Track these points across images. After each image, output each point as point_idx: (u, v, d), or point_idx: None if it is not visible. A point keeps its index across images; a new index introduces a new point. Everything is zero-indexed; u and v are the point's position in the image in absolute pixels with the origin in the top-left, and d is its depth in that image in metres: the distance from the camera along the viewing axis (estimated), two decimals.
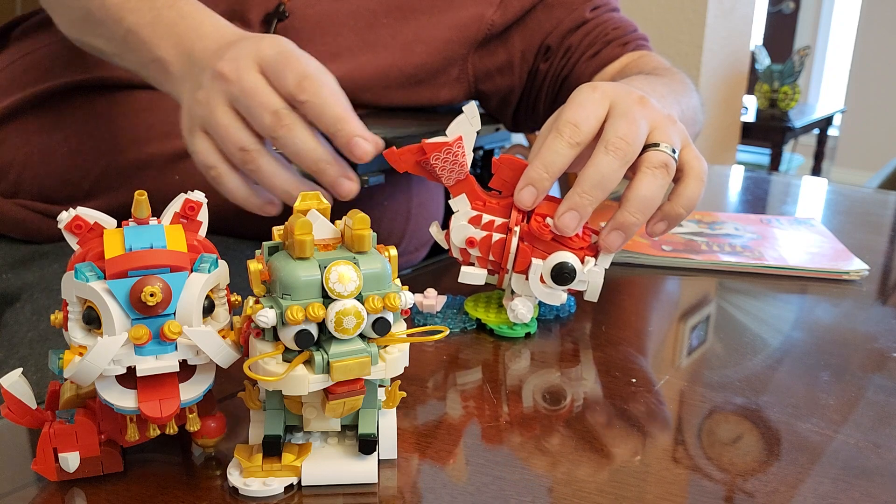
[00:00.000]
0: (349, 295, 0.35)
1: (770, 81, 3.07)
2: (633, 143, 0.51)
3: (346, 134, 0.52)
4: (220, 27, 0.58)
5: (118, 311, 0.35)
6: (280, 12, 0.78)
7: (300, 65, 0.52)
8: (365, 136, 0.52)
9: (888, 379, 0.52)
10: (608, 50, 0.82)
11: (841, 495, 0.39)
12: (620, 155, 0.51)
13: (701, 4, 2.31)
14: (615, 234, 0.53)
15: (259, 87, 0.51)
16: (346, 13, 0.79)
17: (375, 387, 0.40)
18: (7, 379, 0.37)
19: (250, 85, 0.51)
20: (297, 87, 0.51)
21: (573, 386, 0.50)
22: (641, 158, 0.53)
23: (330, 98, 0.52)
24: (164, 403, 0.36)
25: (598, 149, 0.52)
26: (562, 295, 0.54)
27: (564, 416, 0.46)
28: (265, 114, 0.51)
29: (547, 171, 0.52)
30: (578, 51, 0.83)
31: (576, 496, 0.38)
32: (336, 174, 0.54)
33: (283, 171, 0.54)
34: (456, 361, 0.53)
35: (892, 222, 0.93)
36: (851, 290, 0.69)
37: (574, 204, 0.51)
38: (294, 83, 0.51)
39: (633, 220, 0.52)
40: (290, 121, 0.51)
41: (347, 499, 0.38)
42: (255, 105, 0.51)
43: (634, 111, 0.53)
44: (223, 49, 0.54)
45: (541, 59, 0.84)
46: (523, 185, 0.52)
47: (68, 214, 0.37)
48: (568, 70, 0.83)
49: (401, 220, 0.87)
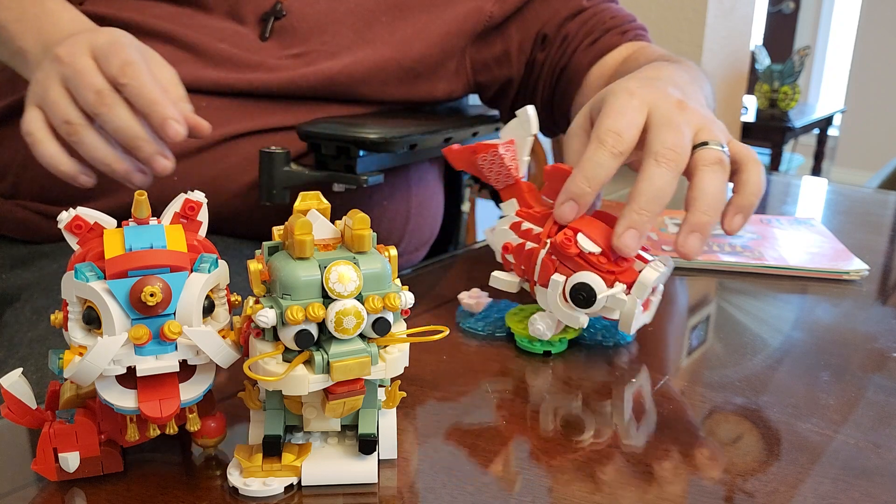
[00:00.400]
0: (349, 295, 0.35)
1: (770, 81, 3.07)
2: (682, 152, 0.50)
3: (159, 116, 0.56)
4: (77, 21, 0.66)
5: (118, 311, 0.35)
6: (276, 10, 0.78)
7: (125, 53, 0.57)
8: (177, 119, 0.56)
9: (888, 379, 0.52)
10: (606, 38, 0.81)
11: (841, 495, 0.39)
12: (672, 166, 0.50)
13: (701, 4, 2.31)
14: (693, 236, 0.50)
15: (87, 68, 0.57)
16: (344, 11, 0.79)
17: (375, 387, 0.40)
18: (7, 379, 0.37)
19: (80, 66, 0.57)
20: (120, 72, 0.56)
21: (573, 386, 0.50)
22: (695, 158, 0.52)
23: (148, 83, 0.56)
24: (164, 403, 0.36)
25: (647, 161, 0.50)
26: (580, 318, 0.50)
27: (564, 415, 0.46)
28: (90, 93, 0.56)
29: (589, 185, 0.50)
30: (576, 39, 0.82)
31: (575, 496, 0.38)
32: (151, 151, 0.58)
33: (104, 145, 0.58)
34: (467, 364, 0.53)
35: (892, 222, 0.93)
36: (851, 290, 0.69)
37: (632, 222, 0.49)
38: (117, 68, 0.56)
39: (706, 218, 0.50)
40: (112, 100, 0.56)
41: (347, 499, 0.38)
42: (83, 84, 0.56)
43: (676, 117, 0.52)
44: (68, 38, 0.60)
45: (538, 48, 0.84)
46: (564, 199, 0.51)
47: (68, 214, 0.37)
48: (566, 60, 0.82)
49: (400, 220, 0.87)
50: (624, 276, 0.49)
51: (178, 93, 0.62)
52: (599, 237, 0.50)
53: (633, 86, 0.54)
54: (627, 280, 0.49)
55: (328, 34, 0.78)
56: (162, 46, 0.76)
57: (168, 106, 0.56)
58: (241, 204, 0.75)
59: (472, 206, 2.05)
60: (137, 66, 0.56)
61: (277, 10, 0.78)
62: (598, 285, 0.49)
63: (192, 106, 0.62)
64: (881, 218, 0.95)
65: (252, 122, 0.75)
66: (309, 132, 0.73)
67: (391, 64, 0.79)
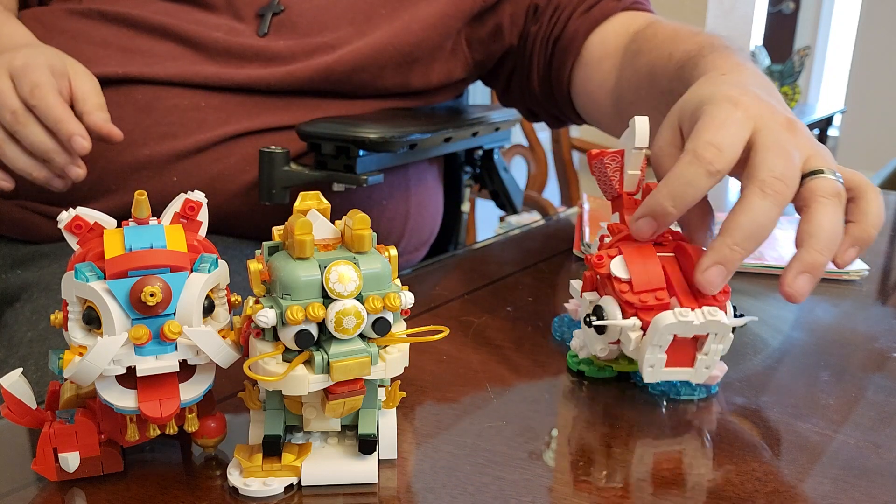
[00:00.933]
0: (349, 295, 0.35)
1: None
2: (791, 183, 0.44)
3: (65, 133, 0.63)
4: (13, 37, 0.71)
5: (118, 311, 0.35)
6: (274, 6, 0.78)
7: (35, 76, 0.63)
8: (81, 134, 0.63)
9: (888, 379, 0.52)
10: (602, 5, 0.78)
11: (841, 495, 0.39)
12: (780, 199, 0.43)
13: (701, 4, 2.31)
14: (803, 277, 0.43)
15: (4, 90, 0.63)
16: (344, 6, 0.79)
17: (375, 387, 0.40)
18: (7, 379, 0.37)
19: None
20: (29, 94, 0.63)
21: (573, 386, 0.50)
22: (809, 189, 0.45)
23: (53, 104, 0.63)
24: (164, 403, 0.36)
25: (751, 189, 0.44)
26: (597, 344, 0.46)
27: (564, 416, 0.46)
28: (7, 113, 0.63)
29: (674, 204, 0.44)
30: (568, 8, 0.80)
31: (575, 496, 0.38)
32: (63, 162, 0.65)
33: (24, 157, 0.65)
34: (467, 364, 0.53)
35: (893, 222, 0.93)
36: (851, 290, 0.69)
37: (723, 258, 0.43)
38: (28, 91, 0.63)
39: (822, 259, 0.43)
40: (25, 120, 0.63)
41: (347, 499, 0.38)
42: (1, 105, 0.63)
43: (785, 141, 0.45)
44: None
45: (531, 20, 0.82)
46: (642, 212, 0.45)
47: (68, 214, 0.37)
48: (559, 29, 0.80)
49: (400, 220, 0.87)
50: (645, 313, 0.44)
51: (95, 101, 0.67)
52: (643, 266, 0.44)
53: (735, 94, 0.47)
54: (646, 318, 0.43)
55: (328, 29, 0.78)
56: (160, 41, 0.76)
57: (72, 123, 0.63)
58: (240, 204, 0.75)
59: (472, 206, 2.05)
60: (44, 87, 0.63)
61: (275, 4, 0.78)
62: (612, 312, 0.45)
63: (107, 115, 0.67)
64: None
65: (251, 121, 0.75)
66: (308, 132, 0.73)
67: (388, 49, 0.78)
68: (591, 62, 0.78)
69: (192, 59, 0.75)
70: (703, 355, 0.44)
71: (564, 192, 2.37)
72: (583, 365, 0.50)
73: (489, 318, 0.60)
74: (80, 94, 0.66)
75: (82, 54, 0.74)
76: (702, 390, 0.48)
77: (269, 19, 0.77)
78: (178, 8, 0.78)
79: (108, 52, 0.75)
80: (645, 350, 0.43)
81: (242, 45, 0.76)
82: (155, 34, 0.76)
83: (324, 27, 0.78)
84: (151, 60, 0.74)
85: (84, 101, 0.66)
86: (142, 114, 0.73)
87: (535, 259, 0.74)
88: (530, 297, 0.64)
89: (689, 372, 0.45)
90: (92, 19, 0.77)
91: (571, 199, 2.33)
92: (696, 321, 0.42)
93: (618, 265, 0.45)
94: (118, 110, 0.73)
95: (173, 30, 0.75)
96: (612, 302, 0.45)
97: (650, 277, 0.44)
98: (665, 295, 0.43)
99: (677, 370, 0.44)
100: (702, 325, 0.42)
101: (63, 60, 0.67)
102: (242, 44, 0.76)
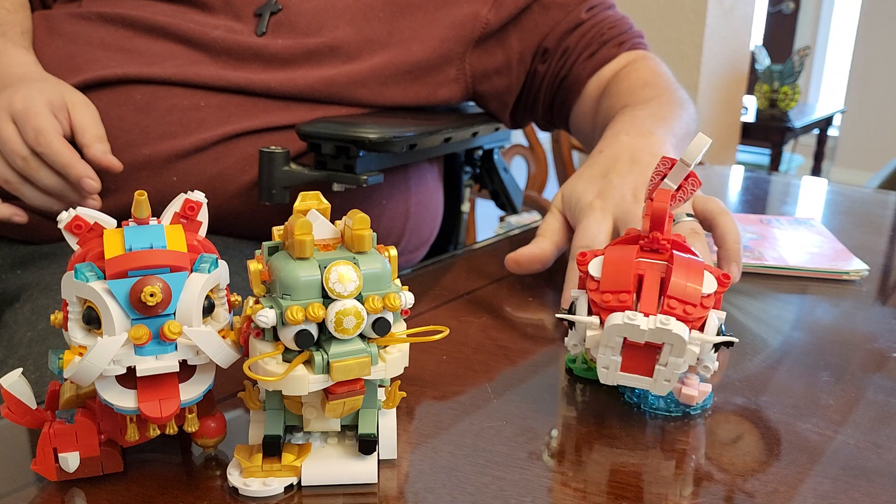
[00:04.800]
0: (349, 295, 0.35)
1: (770, 81, 3.07)
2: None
3: (73, 176, 0.66)
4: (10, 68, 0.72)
5: (118, 312, 0.35)
6: (272, 4, 0.78)
7: (38, 121, 0.65)
8: (89, 176, 0.67)
9: (888, 379, 0.52)
10: (605, 50, 0.84)
11: (841, 495, 0.39)
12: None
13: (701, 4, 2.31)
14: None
15: (10, 136, 0.66)
16: (342, 7, 0.79)
17: (375, 387, 0.40)
18: (7, 379, 0.37)
19: (4, 134, 0.66)
20: (35, 141, 0.65)
21: (573, 387, 0.50)
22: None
23: (58, 150, 0.66)
24: (164, 403, 0.36)
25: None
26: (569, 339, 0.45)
27: (564, 416, 0.46)
28: (17, 158, 0.66)
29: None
30: (576, 52, 0.84)
31: (575, 496, 0.38)
32: (76, 198, 0.68)
33: (40, 195, 0.69)
34: (467, 364, 0.53)
35: (892, 222, 0.93)
36: (851, 290, 0.69)
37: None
38: (32, 138, 0.65)
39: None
40: (35, 164, 0.66)
41: (347, 499, 0.38)
42: (8, 151, 0.66)
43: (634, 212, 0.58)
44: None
45: (539, 60, 0.85)
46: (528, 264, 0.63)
47: (68, 214, 0.37)
48: (566, 71, 0.85)
49: (400, 220, 0.87)
50: (605, 313, 0.42)
51: (94, 133, 0.69)
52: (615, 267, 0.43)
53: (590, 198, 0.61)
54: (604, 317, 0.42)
55: (327, 29, 0.78)
56: (159, 41, 0.76)
57: (79, 166, 0.66)
58: (240, 204, 0.75)
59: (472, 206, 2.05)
60: (48, 134, 0.65)
61: (273, 4, 0.78)
62: (581, 309, 0.44)
63: (107, 146, 0.69)
64: (881, 218, 0.95)
65: (251, 121, 0.75)
66: (308, 132, 0.73)
67: (389, 66, 0.79)
68: (587, 100, 0.85)
69: (191, 58, 0.75)
70: (660, 366, 0.42)
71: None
72: (570, 361, 0.51)
73: (489, 318, 0.60)
74: (79, 127, 0.68)
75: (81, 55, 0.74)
76: (678, 407, 0.46)
77: (266, 18, 0.78)
78: (177, 9, 0.78)
79: (107, 53, 0.75)
80: (596, 346, 0.43)
81: (241, 45, 0.76)
82: (154, 34, 0.76)
83: (321, 27, 0.78)
84: (150, 60, 0.74)
85: (83, 134, 0.68)
86: (141, 114, 0.73)
87: None
88: (530, 298, 0.64)
89: (647, 381, 0.42)
90: (91, 21, 0.77)
91: None
92: (643, 326, 0.40)
93: (595, 264, 0.44)
94: (118, 110, 0.73)
95: (172, 29, 0.76)
96: (584, 298, 0.45)
97: (619, 279, 0.43)
98: (628, 298, 0.42)
99: (634, 377, 0.43)
100: (651, 332, 0.41)
101: (61, 93, 0.69)
102: (241, 43, 0.76)
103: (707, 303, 0.42)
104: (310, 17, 0.78)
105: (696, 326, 0.42)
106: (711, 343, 0.42)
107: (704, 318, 0.42)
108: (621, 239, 0.47)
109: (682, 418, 0.46)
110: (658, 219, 0.44)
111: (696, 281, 0.42)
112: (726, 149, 2.72)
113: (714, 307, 0.43)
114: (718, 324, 0.43)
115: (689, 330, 0.41)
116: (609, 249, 0.45)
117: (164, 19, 0.76)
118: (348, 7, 0.79)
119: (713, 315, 0.43)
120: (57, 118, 0.67)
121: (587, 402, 0.48)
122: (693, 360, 0.42)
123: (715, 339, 0.42)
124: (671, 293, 0.42)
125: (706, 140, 0.44)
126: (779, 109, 3.08)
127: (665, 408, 0.47)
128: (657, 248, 0.45)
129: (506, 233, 0.84)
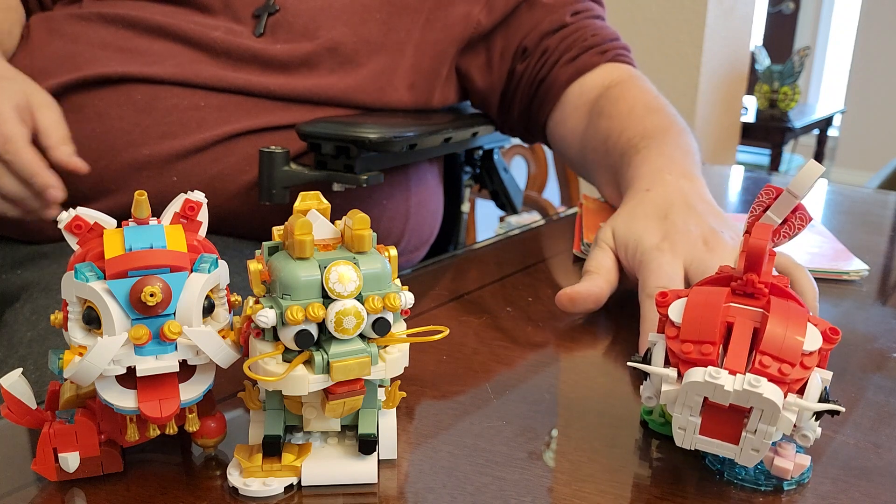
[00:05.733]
0: (349, 295, 0.35)
1: (770, 82, 3.07)
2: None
3: (38, 185, 0.66)
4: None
5: (118, 312, 0.35)
6: (270, 6, 0.78)
7: (6, 129, 0.65)
8: (53, 185, 0.66)
9: (888, 379, 0.52)
10: (586, 57, 0.82)
11: (841, 495, 0.39)
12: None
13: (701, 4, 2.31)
14: None
15: None
16: (339, 8, 0.79)
17: (375, 387, 0.40)
18: (7, 379, 0.37)
19: None
20: (2, 149, 0.65)
21: (573, 389, 0.50)
22: None
23: (25, 158, 0.65)
24: (164, 403, 0.36)
25: None
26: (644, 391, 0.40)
27: (564, 416, 0.46)
28: None
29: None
30: (556, 54, 0.82)
31: (576, 496, 0.38)
32: (37, 207, 0.68)
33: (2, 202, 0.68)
34: (467, 364, 0.53)
35: (892, 222, 0.93)
36: (851, 290, 0.69)
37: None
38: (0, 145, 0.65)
39: None
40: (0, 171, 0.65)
41: (347, 499, 0.38)
42: None
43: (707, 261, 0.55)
44: None
45: (518, 59, 0.84)
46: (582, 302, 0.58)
47: (68, 214, 0.37)
48: (545, 73, 0.83)
49: (400, 220, 0.87)
50: (684, 365, 0.37)
51: (59, 135, 0.68)
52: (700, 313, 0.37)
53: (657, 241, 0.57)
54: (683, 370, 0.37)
55: (324, 29, 0.78)
56: (159, 41, 0.76)
57: (44, 175, 0.66)
58: (240, 204, 0.75)
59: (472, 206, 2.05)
60: (16, 141, 0.65)
61: (271, 5, 0.78)
62: (657, 357, 0.39)
63: (72, 148, 0.69)
64: (881, 218, 0.95)
65: (251, 120, 0.75)
66: (308, 132, 0.73)
67: (385, 72, 0.79)
68: (566, 108, 0.82)
69: (190, 58, 0.75)
70: (748, 433, 0.36)
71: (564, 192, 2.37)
72: (646, 413, 0.45)
73: (489, 318, 0.60)
74: (43, 128, 0.67)
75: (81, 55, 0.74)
76: (768, 480, 0.39)
77: (264, 20, 0.78)
78: (176, 10, 0.78)
79: (107, 53, 0.75)
80: (670, 403, 0.37)
81: (240, 47, 0.76)
82: (153, 34, 0.76)
83: (318, 27, 0.78)
84: (150, 60, 0.74)
85: (48, 136, 0.67)
86: (141, 114, 0.73)
87: (535, 259, 0.74)
88: (530, 298, 0.64)
89: (731, 449, 0.36)
90: (91, 21, 0.77)
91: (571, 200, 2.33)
92: (728, 387, 0.34)
93: (676, 308, 0.38)
94: (118, 110, 0.73)
95: (172, 29, 0.76)
96: (662, 345, 0.39)
97: (703, 327, 0.36)
98: (712, 350, 0.36)
99: (717, 442, 0.37)
100: (737, 393, 0.34)
101: (25, 93, 0.68)
102: (240, 44, 0.76)
103: (809, 361, 0.36)
104: (307, 18, 0.78)
105: (793, 390, 0.36)
106: (812, 411, 0.36)
107: (805, 379, 0.36)
108: (710, 279, 0.41)
109: (773, 493, 0.39)
110: (755, 258, 0.37)
111: (797, 333, 0.36)
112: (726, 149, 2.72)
113: (819, 366, 0.37)
114: (822, 386, 0.36)
115: (785, 394, 0.35)
116: (694, 290, 0.39)
117: (164, 20, 0.76)
118: (345, 8, 0.79)
119: (816, 375, 0.36)
120: (21, 120, 0.66)
121: (662, 460, 0.42)
122: (788, 429, 0.35)
123: (817, 406, 0.35)
124: (765, 348, 0.35)
125: (819, 168, 0.38)
126: (779, 110, 3.08)
127: (753, 479, 0.39)
128: (752, 293, 0.38)
129: (506, 233, 0.84)
